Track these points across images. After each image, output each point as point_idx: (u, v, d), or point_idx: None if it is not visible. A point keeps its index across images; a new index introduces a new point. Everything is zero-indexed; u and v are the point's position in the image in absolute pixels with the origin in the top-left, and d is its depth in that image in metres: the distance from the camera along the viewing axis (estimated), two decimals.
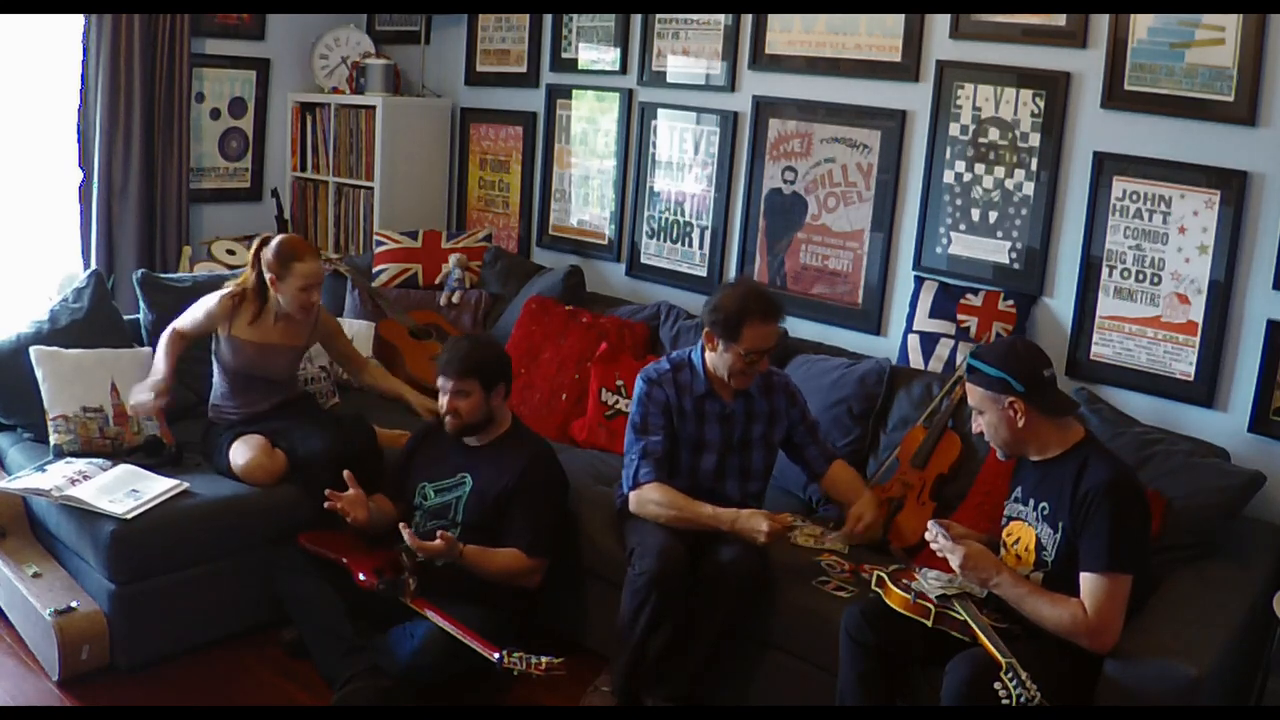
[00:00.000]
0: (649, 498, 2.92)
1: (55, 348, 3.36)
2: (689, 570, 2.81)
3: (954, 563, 2.38)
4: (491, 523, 3.00)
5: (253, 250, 3.37)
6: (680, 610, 2.81)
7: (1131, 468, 2.44)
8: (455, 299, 4.37)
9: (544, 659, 2.59)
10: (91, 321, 3.53)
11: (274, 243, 3.33)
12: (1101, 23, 3.19)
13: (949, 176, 3.55)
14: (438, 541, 2.82)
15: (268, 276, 3.30)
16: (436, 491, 3.09)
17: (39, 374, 3.29)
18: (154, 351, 3.42)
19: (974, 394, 2.46)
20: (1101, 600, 2.25)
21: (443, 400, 3.05)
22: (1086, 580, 2.27)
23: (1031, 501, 2.46)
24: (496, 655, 2.61)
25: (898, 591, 2.45)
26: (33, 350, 3.32)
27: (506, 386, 3.10)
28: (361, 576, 2.92)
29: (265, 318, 3.37)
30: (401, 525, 2.85)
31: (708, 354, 3.00)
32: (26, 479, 3.09)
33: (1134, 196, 3.19)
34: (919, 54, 3.57)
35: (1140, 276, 3.20)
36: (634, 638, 2.79)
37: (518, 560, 2.95)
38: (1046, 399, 2.40)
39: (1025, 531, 2.45)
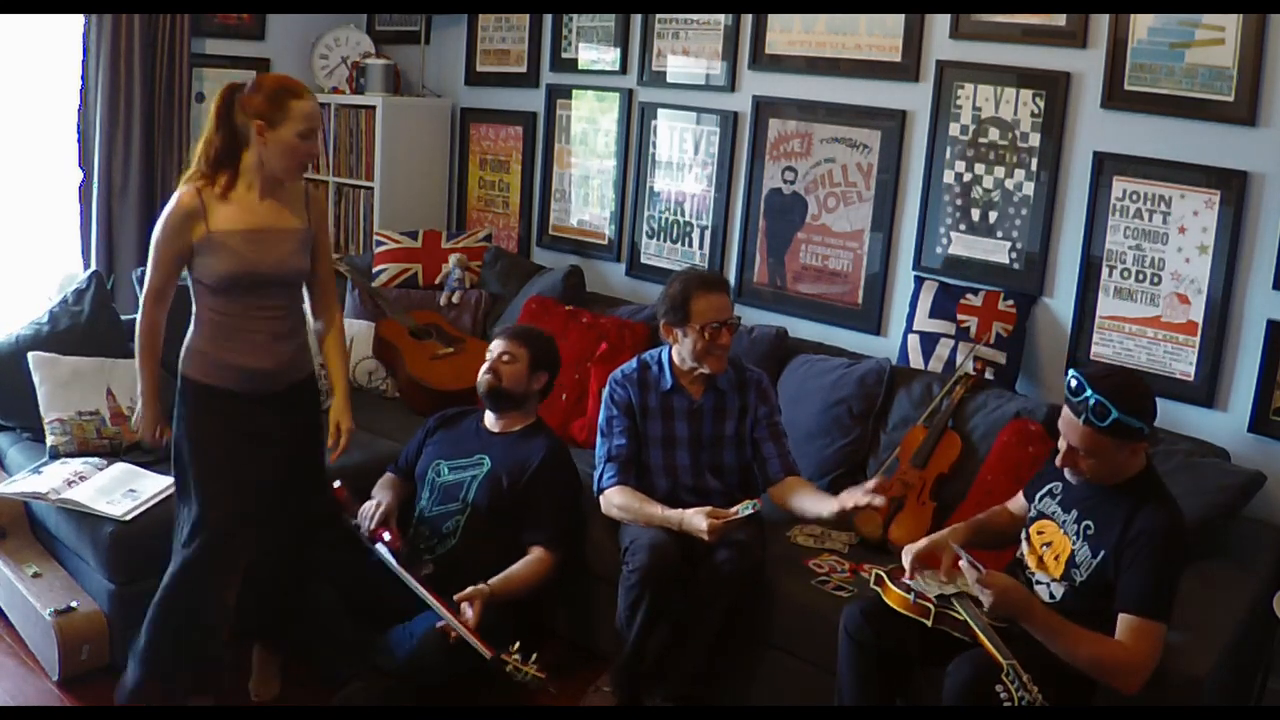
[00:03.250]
0: (612, 502, 2.98)
1: (53, 354, 3.36)
2: (683, 566, 2.82)
3: (984, 601, 2.26)
4: (500, 508, 3.01)
5: (217, 102, 2.53)
6: (676, 608, 2.81)
7: (1180, 510, 2.33)
8: (455, 299, 4.37)
9: (534, 663, 2.57)
10: (91, 325, 3.52)
11: (254, 83, 2.54)
12: (1101, 23, 3.19)
13: (949, 176, 3.55)
14: (474, 601, 2.77)
15: (252, 127, 2.50)
16: (451, 469, 3.11)
17: (36, 378, 3.30)
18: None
19: (1094, 441, 2.24)
20: (1141, 643, 2.19)
21: (487, 360, 3.13)
22: (1130, 622, 2.20)
23: (1074, 513, 2.39)
24: (490, 654, 2.61)
25: (897, 591, 2.44)
26: (31, 356, 3.32)
27: (549, 381, 3.18)
28: (387, 536, 2.95)
29: (245, 195, 2.57)
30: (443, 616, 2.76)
31: (674, 349, 3.04)
32: (22, 482, 3.09)
33: (1134, 196, 3.19)
34: (919, 54, 3.56)
35: (1140, 276, 3.20)
36: (631, 636, 2.79)
37: (541, 562, 2.96)
38: (1154, 434, 2.32)
39: (1060, 539, 2.39)
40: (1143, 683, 2.20)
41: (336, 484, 3.14)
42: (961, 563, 2.33)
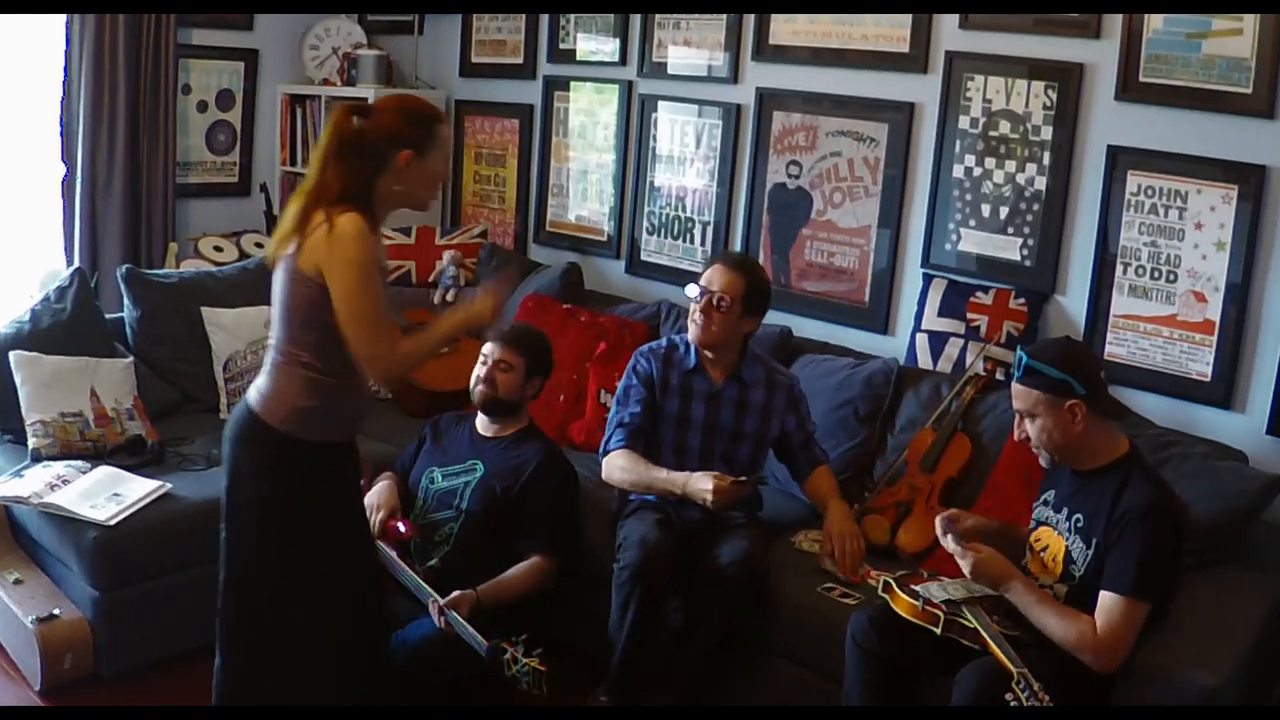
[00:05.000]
0: (615, 464, 3.03)
1: (35, 353, 3.36)
2: (680, 565, 2.83)
3: (964, 568, 2.37)
4: (495, 515, 3.01)
5: (338, 128, 2.26)
6: (673, 611, 2.81)
7: (1173, 491, 2.39)
8: (450, 297, 4.36)
9: (536, 655, 2.54)
10: (74, 323, 3.52)
11: (392, 107, 2.31)
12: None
13: (958, 171, 3.55)
14: (460, 606, 2.76)
15: (395, 156, 2.26)
16: (444, 476, 3.12)
17: (17, 379, 3.30)
18: (135, 364, 3.34)
19: (1027, 397, 2.37)
20: (1117, 622, 2.22)
21: (480, 369, 3.10)
22: (1106, 599, 2.25)
23: (1065, 510, 2.43)
24: (487, 644, 2.59)
25: (905, 598, 2.44)
26: (12, 355, 3.32)
27: (541, 385, 3.17)
28: (402, 528, 2.98)
29: (378, 231, 2.32)
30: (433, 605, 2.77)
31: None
32: (3, 486, 3.09)
33: (1149, 191, 3.19)
34: (927, 45, 3.56)
35: (1155, 274, 3.20)
36: (623, 635, 2.79)
37: (536, 568, 2.96)
38: (1104, 402, 2.38)
39: (1055, 540, 2.43)
40: (1118, 662, 2.24)
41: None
42: (938, 522, 2.46)
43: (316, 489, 2.33)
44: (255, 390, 2.35)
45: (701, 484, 2.84)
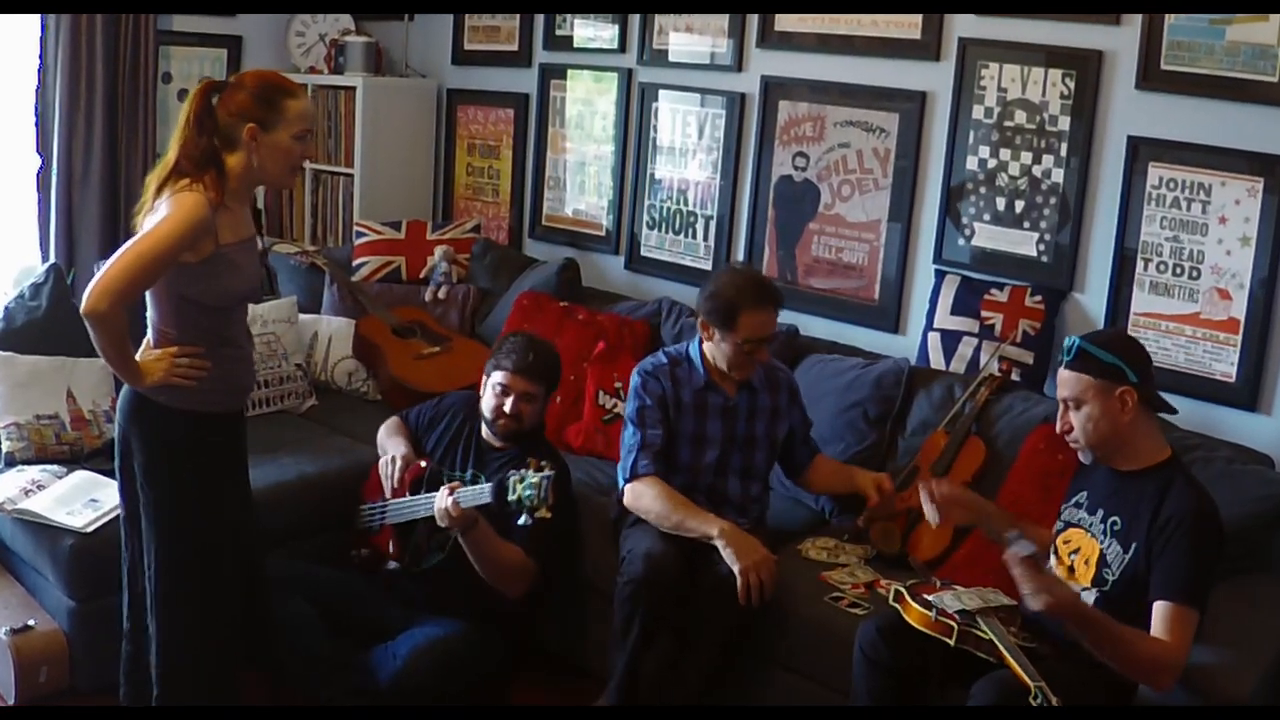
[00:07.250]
0: (645, 491, 2.97)
1: (9, 353, 3.35)
2: (683, 578, 2.82)
3: (1035, 605, 2.22)
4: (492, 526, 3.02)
5: (194, 102, 2.40)
6: (676, 623, 2.82)
7: (1213, 498, 2.37)
8: (441, 294, 4.37)
9: (545, 466, 2.60)
10: (50, 321, 3.51)
11: (238, 81, 2.46)
12: None
13: (972, 163, 3.55)
14: (466, 511, 2.81)
15: (241, 130, 2.40)
16: (445, 480, 3.12)
17: None
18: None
19: (1077, 383, 2.36)
20: (1177, 633, 2.19)
21: (502, 400, 3.07)
22: (1164, 609, 2.21)
23: (1100, 513, 2.41)
24: (492, 486, 2.68)
25: (917, 608, 2.44)
26: None
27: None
28: (422, 463, 3.08)
29: (234, 205, 2.46)
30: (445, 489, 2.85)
31: (705, 345, 3.07)
32: None
33: (1171, 184, 3.18)
34: (940, 31, 3.56)
35: (1178, 270, 3.20)
36: (626, 651, 2.79)
37: (520, 559, 2.95)
38: (1154, 394, 2.39)
39: (1088, 543, 2.41)
40: (1178, 678, 2.21)
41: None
42: (1018, 547, 2.28)
43: (192, 460, 2.48)
44: None
45: (755, 549, 2.81)
